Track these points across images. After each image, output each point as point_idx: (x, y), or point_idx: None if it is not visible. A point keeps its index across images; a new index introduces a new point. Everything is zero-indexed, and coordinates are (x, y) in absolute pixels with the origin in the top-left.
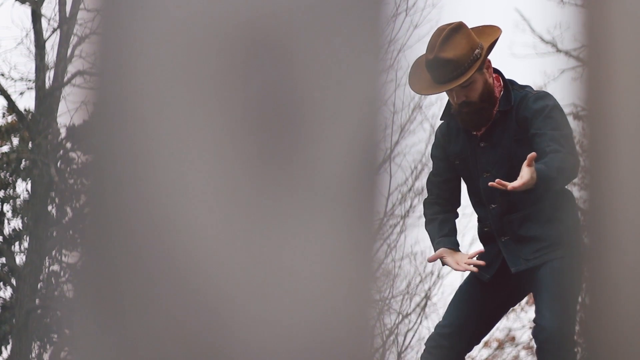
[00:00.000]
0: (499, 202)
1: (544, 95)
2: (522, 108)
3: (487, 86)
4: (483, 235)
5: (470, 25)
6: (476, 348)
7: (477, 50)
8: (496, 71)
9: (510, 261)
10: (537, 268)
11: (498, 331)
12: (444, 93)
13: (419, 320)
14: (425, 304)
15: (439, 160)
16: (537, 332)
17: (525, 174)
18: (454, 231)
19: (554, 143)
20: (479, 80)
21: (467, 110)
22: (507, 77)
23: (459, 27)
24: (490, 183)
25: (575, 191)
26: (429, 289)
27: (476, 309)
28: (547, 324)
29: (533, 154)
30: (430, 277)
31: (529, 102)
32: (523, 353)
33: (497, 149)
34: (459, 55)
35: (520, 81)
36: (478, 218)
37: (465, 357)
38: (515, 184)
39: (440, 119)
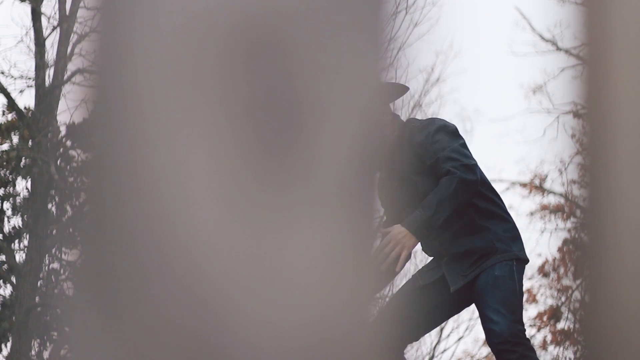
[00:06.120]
0: None
1: (426, 124)
2: (413, 144)
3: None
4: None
5: (470, 24)
6: (476, 346)
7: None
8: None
9: (451, 281)
10: (475, 280)
11: None
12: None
13: None
14: None
15: None
16: (491, 338)
17: (380, 244)
18: None
19: (446, 162)
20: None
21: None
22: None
23: None
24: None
25: (575, 189)
26: None
27: (415, 300)
28: (498, 327)
29: (380, 230)
30: None
31: (415, 137)
32: None
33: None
34: None
35: (520, 79)
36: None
37: (405, 349)
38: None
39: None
